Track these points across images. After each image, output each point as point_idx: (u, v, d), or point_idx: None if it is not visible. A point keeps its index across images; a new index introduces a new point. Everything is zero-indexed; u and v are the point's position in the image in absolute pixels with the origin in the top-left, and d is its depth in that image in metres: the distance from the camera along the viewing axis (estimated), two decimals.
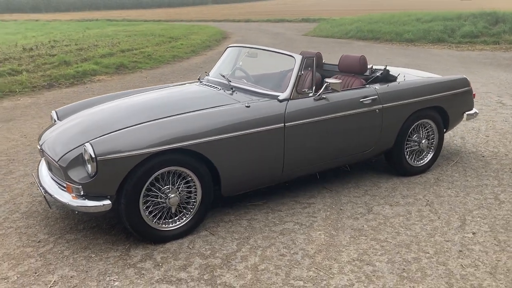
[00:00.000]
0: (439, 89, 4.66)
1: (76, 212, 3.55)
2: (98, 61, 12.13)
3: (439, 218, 3.81)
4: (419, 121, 4.58)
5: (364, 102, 4.16)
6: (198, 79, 4.64)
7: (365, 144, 4.29)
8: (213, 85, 4.26)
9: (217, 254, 3.29)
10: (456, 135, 6.03)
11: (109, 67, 11.91)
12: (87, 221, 3.77)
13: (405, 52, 15.32)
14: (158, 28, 23.49)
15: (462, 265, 3.14)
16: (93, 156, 3.08)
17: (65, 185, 3.30)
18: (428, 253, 3.29)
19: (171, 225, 3.45)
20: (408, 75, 4.87)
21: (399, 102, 4.35)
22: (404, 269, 3.10)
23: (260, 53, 4.42)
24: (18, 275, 3.05)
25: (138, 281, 2.99)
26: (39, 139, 3.85)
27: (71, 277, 3.05)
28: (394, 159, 4.56)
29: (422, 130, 4.66)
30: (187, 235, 3.53)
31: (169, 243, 3.45)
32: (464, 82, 4.94)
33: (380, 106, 4.24)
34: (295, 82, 3.88)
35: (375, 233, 3.57)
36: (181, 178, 3.43)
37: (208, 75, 4.60)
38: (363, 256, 3.26)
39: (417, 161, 4.71)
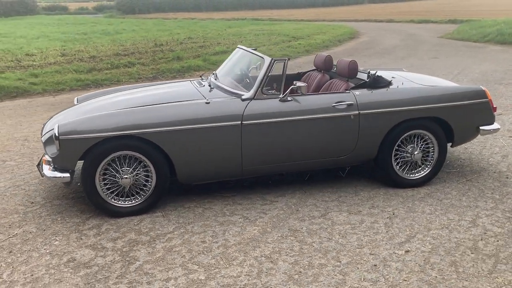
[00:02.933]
0: (437, 100, 4.37)
1: (78, 183, 4.28)
2: (207, 58, 13.14)
3: (387, 232, 3.68)
4: (412, 132, 4.36)
5: (337, 107, 4.14)
6: (200, 76, 5.02)
7: (340, 150, 4.26)
8: (202, 84, 4.59)
9: (151, 233, 3.68)
10: (498, 153, 5.48)
11: (215, 63, 12.81)
12: (80, 191, 4.41)
13: None
14: (292, 28, 24.17)
15: (362, 278, 3.08)
16: (57, 135, 3.70)
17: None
18: (340, 262, 3.27)
19: (125, 203, 3.92)
20: (411, 82, 4.63)
21: (381, 110, 4.22)
22: (300, 272, 3.15)
23: (248, 54, 4.62)
24: None
25: (73, 243, 3.53)
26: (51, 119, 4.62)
27: (30, 232, 3.71)
28: (380, 168, 4.42)
29: (418, 141, 4.42)
30: (142, 214, 3.97)
31: (122, 218, 3.92)
32: (479, 94, 4.54)
33: (356, 112, 4.17)
34: (260, 83, 4.05)
35: (306, 236, 3.62)
36: (138, 162, 3.88)
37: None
38: (274, 254, 3.36)
39: (411, 173, 4.48)
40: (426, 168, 4.50)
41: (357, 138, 4.23)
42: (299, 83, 4.05)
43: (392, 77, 4.68)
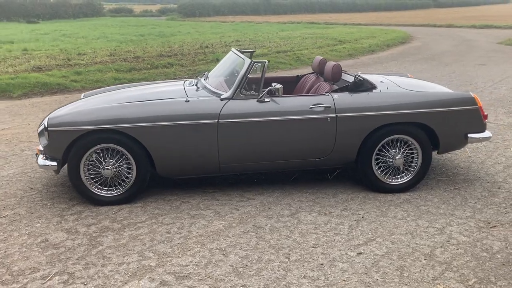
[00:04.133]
0: (421, 105, 4.33)
1: None
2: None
3: (348, 234, 3.72)
4: (394, 136, 4.34)
5: (314, 109, 4.21)
6: (196, 76, 5.23)
7: (317, 151, 4.32)
8: (193, 84, 4.79)
9: (124, 222, 3.93)
10: (502, 163, 5.30)
11: None
12: None
13: None
14: (344, 32, 23.98)
15: (303, 275, 3.15)
16: (46, 127, 4.04)
17: None
18: (288, 259, 3.36)
19: (107, 192, 4.20)
20: (397, 86, 4.60)
21: (359, 114, 4.24)
22: (246, 265, 3.28)
23: (238, 56, 4.76)
24: None
25: (52, 226, 3.85)
26: None
27: (19, 214, 4.07)
28: (360, 172, 4.44)
29: (401, 146, 4.40)
30: (123, 204, 4.23)
31: (104, 206, 4.20)
32: (467, 100, 4.44)
33: (334, 115, 4.22)
34: (239, 84, 4.21)
35: (267, 233, 3.72)
36: (120, 155, 4.15)
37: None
38: (229, 248, 3.51)
39: (393, 178, 4.46)
40: (409, 174, 4.45)
41: (334, 140, 4.27)
42: (276, 85, 4.16)
43: (381, 81, 4.67)
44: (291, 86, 5.40)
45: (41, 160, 4.20)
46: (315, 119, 4.21)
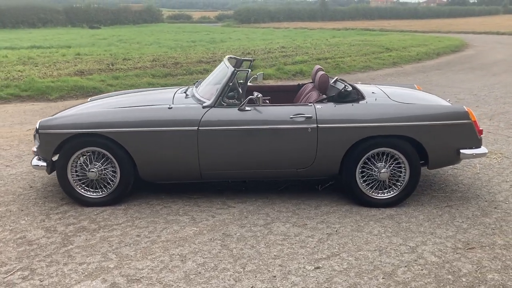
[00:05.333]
0: (408, 118, 4.17)
1: None
2: (281, 67, 13.41)
3: (314, 247, 3.65)
4: (380, 149, 4.22)
5: (295, 119, 4.18)
6: (194, 84, 5.31)
7: (298, 162, 4.27)
8: (184, 91, 4.86)
9: (101, 223, 4.07)
10: (509, 181, 5.00)
11: (287, 73, 13.06)
12: None
13: None
14: (396, 39, 23.41)
15: (252, 286, 3.14)
16: (37, 129, 4.27)
17: None
18: (244, 269, 3.35)
19: (92, 194, 4.36)
20: (387, 98, 4.45)
21: (341, 125, 4.16)
22: (199, 273, 3.30)
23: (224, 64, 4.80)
24: None
25: (35, 224, 4.04)
26: None
27: (10, 211, 4.31)
28: (344, 184, 4.35)
29: (388, 160, 4.27)
30: (107, 205, 4.38)
31: (89, 208, 4.36)
32: (460, 114, 4.24)
33: (315, 125, 4.16)
34: (221, 92, 4.25)
35: (234, 242, 3.73)
36: (105, 158, 4.30)
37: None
38: (191, 254, 3.54)
39: (379, 193, 4.33)
40: (396, 190, 4.31)
41: (316, 151, 4.21)
42: (257, 94, 4.17)
43: (372, 92, 4.56)
44: (293, 95, 5.36)
45: (35, 160, 4.43)
46: (296, 129, 4.17)
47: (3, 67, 12.74)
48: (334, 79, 4.95)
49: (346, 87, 4.40)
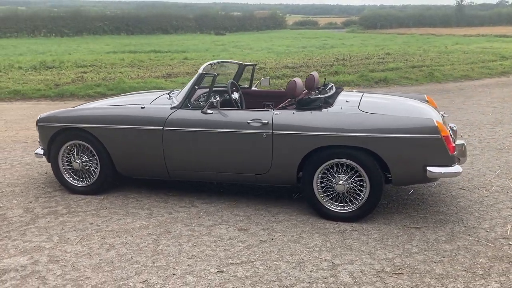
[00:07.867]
0: (367, 129, 3.90)
1: None
2: (365, 74, 12.98)
3: (236, 252, 3.64)
4: (338, 160, 4.03)
5: (252, 124, 4.17)
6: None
7: (256, 167, 4.25)
8: (170, 94, 5.08)
9: (73, 210, 4.47)
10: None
11: (370, 80, 12.62)
12: None
13: None
14: None
15: (145, 280, 3.26)
16: (37, 121, 4.86)
17: None
18: (153, 264, 3.47)
19: (77, 182, 4.82)
20: (353, 107, 4.19)
21: (296, 132, 4.05)
22: (112, 262, 3.50)
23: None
24: None
25: (22, 204, 4.61)
26: None
27: (13, 192, 4.94)
28: (302, 193, 4.22)
29: (348, 172, 4.06)
30: (90, 195, 4.79)
31: (75, 195, 4.80)
32: (427, 128, 3.84)
33: (270, 131, 4.12)
34: (186, 94, 4.42)
35: (167, 239, 3.85)
36: (89, 151, 4.74)
37: None
38: (119, 245, 3.75)
39: (339, 206, 4.13)
40: (355, 204, 4.06)
41: (271, 158, 4.15)
42: (216, 97, 4.25)
43: (346, 101, 4.35)
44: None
45: (38, 149, 5.01)
46: (251, 134, 4.16)
47: (112, 69, 14.19)
48: (330, 85, 4.81)
49: (315, 93, 4.26)
